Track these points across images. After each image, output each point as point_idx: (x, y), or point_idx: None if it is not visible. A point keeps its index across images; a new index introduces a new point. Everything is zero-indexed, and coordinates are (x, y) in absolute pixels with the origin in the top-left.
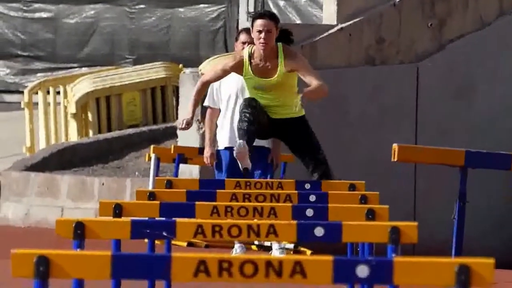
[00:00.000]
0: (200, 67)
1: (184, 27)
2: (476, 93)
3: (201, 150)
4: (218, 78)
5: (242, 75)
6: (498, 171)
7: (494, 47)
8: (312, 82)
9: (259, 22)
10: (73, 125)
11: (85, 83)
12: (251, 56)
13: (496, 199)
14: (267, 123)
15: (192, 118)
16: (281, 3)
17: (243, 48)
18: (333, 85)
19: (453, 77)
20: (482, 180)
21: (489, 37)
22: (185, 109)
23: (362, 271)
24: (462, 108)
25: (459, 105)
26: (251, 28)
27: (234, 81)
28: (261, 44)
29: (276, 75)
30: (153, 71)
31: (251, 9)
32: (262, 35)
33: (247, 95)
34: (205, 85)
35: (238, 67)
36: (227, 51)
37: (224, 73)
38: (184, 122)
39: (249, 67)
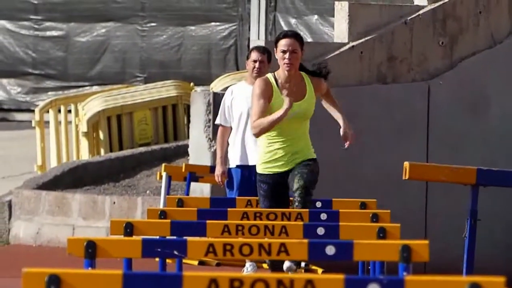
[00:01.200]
0: (212, 85)
1: (196, 45)
2: (487, 110)
3: (212, 169)
4: (265, 108)
5: (271, 100)
6: (511, 189)
7: (505, 64)
8: (335, 107)
9: (283, 42)
10: (84, 143)
11: (96, 101)
12: (276, 80)
13: (509, 217)
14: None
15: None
16: (292, 21)
17: (254, 67)
18: (345, 103)
19: (465, 94)
20: (495, 198)
21: (500, 55)
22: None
23: None
24: (474, 125)
25: (470, 122)
26: (274, 49)
27: (244, 99)
28: (286, 65)
29: (305, 97)
30: (164, 90)
31: (262, 28)
32: (287, 55)
33: None
34: (260, 119)
35: (269, 89)
36: (238, 69)
37: (266, 100)
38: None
39: (279, 91)
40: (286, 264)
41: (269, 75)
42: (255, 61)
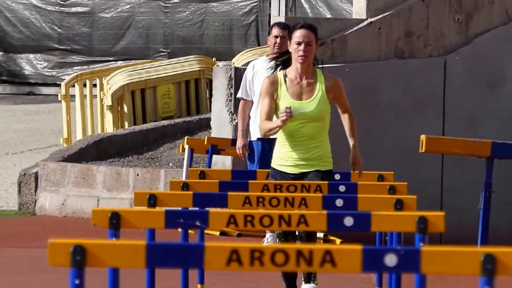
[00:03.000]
0: (233, 60)
1: (218, 21)
2: (502, 85)
3: (233, 142)
4: (271, 105)
5: (276, 97)
6: None
7: None
8: (342, 108)
9: (298, 33)
10: (109, 117)
11: (120, 76)
12: (286, 75)
13: None
14: None
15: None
16: None
17: (275, 42)
18: (363, 77)
19: (480, 69)
20: (509, 170)
21: None
22: (220, 109)
23: (391, 260)
24: (489, 100)
25: (486, 96)
26: (288, 41)
27: (265, 73)
28: (300, 58)
29: (314, 95)
30: (187, 65)
31: (283, 4)
32: (302, 47)
33: None
34: (268, 118)
35: (274, 87)
36: (259, 45)
37: (270, 97)
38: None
39: (284, 86)
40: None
41: (280, 72)
42: (276, 37)
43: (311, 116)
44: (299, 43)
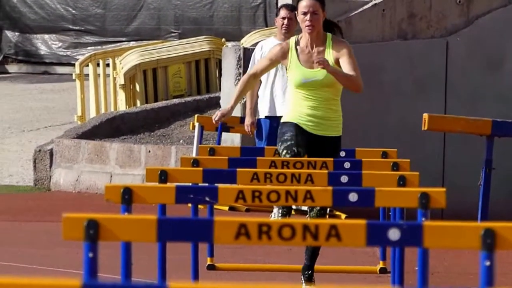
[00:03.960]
0: (242, 41)
1: (227, 3)
2: (503, 65)
3: (242, 119)
4: (265, 69)
5: (287, 65)
6: None
7: None
8: (346, 69)
9: (303, 3)
10: (121, 95)
11: (133, 56)
12: (297, 43)
13: None
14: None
15: (231, 110)
16: None
17: (282, 24)
18: (367, 58)
19: (481, 50)
20: (509, 147)
21: None
22: (228, 86)
23: (394, 234)
24: (490, 80)
25: (486, 76)
26: (296, 12)
27: None
28: (307, 27)
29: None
30: (197, 45)
31: None
32: (308, 17)
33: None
34: (252, 77)
35: (284, 55)
36: (267, 26)
37: (271, 63)
38: (219, 114)
39: (295, 54)
40: None
41: (292, 38)
42: (283, 18)
43: (323, 83)
44: (305, 13)
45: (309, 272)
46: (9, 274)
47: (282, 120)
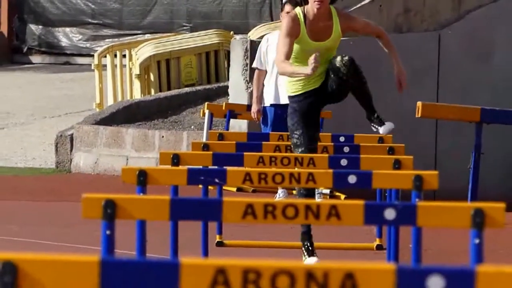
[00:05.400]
0: (249, 34)
1: None
2: (491, 57)
3: (249, 107)
4: (291, 46)
5: (298, 35)
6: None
7: (506, 16)
8: (377, 30)
9: None
10: (137, 84)
11: (148, 47)
12: (305, 16)
13: (509, 150)
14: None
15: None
16: None
17: None
18: (366, 50)
19: (471, 43)
20: (498, 134)
21: (502, 8)
22: (237, 76)
23: (390, 214)
24: (479, 70)
25: (476, 67)
26: None
27: None
28: (316, 3)
29: (331, 37)
30: (208, 38)
31: None
32: None
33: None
34: (288, 58)
35: (297, 27)
36: (272, 20)
37: (292, 37)
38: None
39: (305, 28)
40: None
41: (298, 10)
42: (288, 13)
43: (327, 50)
44: None
45: (308, 244)
46: (32, 250)
47: (288, 93)
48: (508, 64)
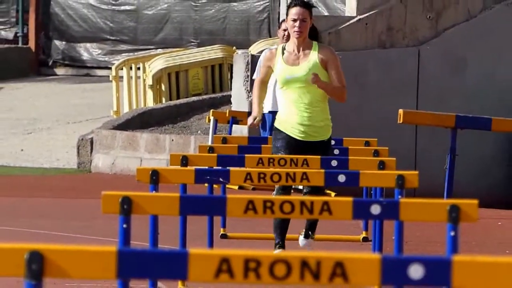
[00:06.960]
0: (250, 49)
1: (237, 18)
2: (465, 70)
3: (249, 114)
4: (267, 74)
5: (273, 66)
6: (485, 131)
7: (479, 34)
8: (334, 81)
9: (294, 11)
10: (150, 94)
11: (159, 61)
12: (284, 48)
13: (482, 153)
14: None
15: (259, 113)
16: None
17: (284, 35)
18: (353, 63)
19: (447, 58)
20: (470, 138)
21: (475, 26)
22: (239, 92)
23: (375, 209)
24: (454, 81)
25: (451, 79)
26: (286, 17)
27: None
28: (295, 33)
29: (306, 62)
30: (213, 52)
31: None
32: (297, 23)
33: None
34: (262, 83)
35: (272, 58)
36: (270, 37)
37: (268, 67)
38: (251, 120)
39: (281, 56)
40: (302, 242)
41: (280, 45)
42: (285, 30)
43: (306, 80)
44: (294, 20)
45: (308, 233)
46: (55, 242)
47: (275, 125)
48: (479, 76)
